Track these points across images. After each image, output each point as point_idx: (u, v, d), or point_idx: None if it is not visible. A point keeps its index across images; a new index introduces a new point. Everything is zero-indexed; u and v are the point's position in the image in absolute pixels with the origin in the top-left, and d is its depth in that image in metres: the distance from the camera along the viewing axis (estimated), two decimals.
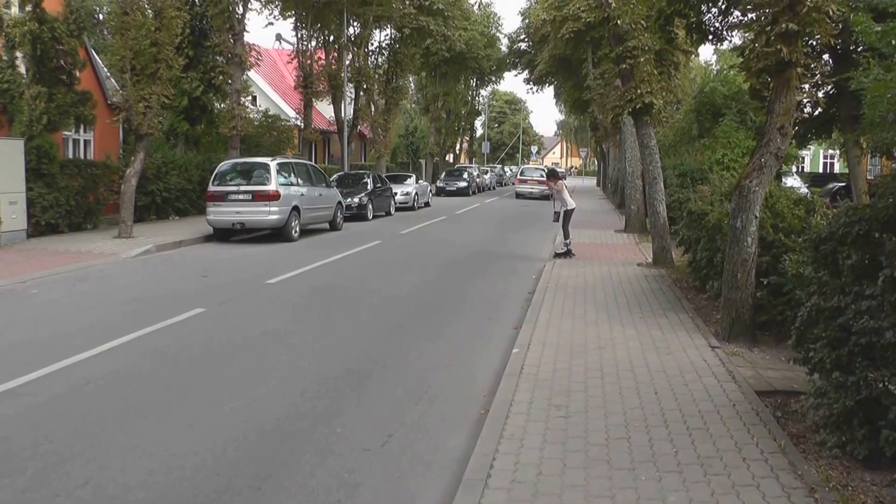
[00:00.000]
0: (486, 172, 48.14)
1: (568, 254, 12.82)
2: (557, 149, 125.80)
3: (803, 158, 42.26)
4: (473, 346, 6.97)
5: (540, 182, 33.55)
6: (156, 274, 11.39)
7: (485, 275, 11.55)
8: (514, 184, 40.60)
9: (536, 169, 41.10)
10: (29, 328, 7.56)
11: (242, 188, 15.40)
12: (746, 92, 10.45)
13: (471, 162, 60.86)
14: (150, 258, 13.14)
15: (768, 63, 6.81)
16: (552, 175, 13.47)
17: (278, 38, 49.43)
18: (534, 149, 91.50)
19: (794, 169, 28.05)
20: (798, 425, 4.69)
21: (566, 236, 12.99)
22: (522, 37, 39.56)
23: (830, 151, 43.53)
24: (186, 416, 5.01)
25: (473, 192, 38.42)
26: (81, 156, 18.58)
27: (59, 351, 6.58)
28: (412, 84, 43.61)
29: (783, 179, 19.76)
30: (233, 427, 4.79)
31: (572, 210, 12.99)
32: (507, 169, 66.61)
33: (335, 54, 28.66)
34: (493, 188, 47.77)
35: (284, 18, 27.41)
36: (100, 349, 6.64)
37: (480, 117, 67.88)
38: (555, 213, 13.30)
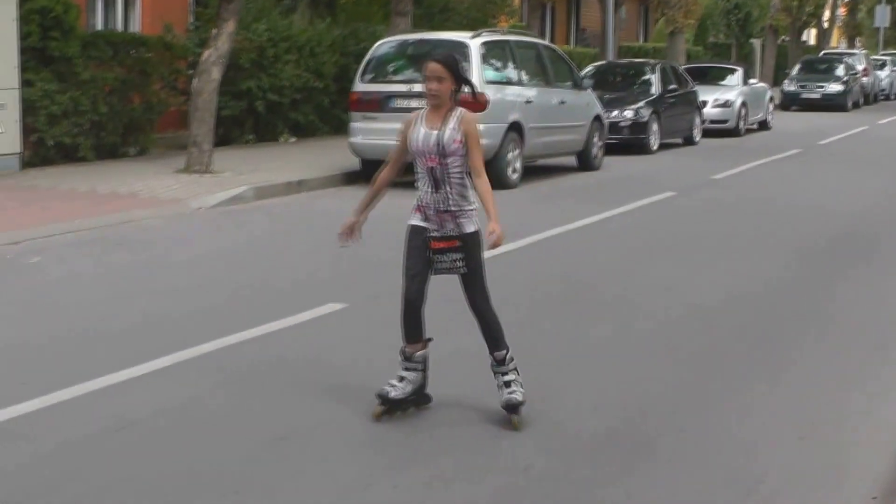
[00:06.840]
0: (883, 66, 48.56)
1: (418, 399, 6.57)
2: None
3: None
4: None
5: None
6: (253, 240, 11.79)
7: None
8: None
9: None
10: (22, 324, 7.95)
11: (419, 88, 15.37)
12: None
13: (852, 45, 59.37)
14: (244, 211, 13.57)
15: None
16: (443, 76, 6.40)
17: None
18: None
19: None
20: None
21: (490, 334, 6.50)
22: None
23: None
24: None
25: (855, 104, 39.89)
26: (119, 27, 19.54)
27: (75, 365, 6.82)
28: None
29: None
30: None
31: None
32: None
33: None
34: (894, 96, 49.19)
35: None
36: (145, 368, 6.82)
37: None
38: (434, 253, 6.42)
